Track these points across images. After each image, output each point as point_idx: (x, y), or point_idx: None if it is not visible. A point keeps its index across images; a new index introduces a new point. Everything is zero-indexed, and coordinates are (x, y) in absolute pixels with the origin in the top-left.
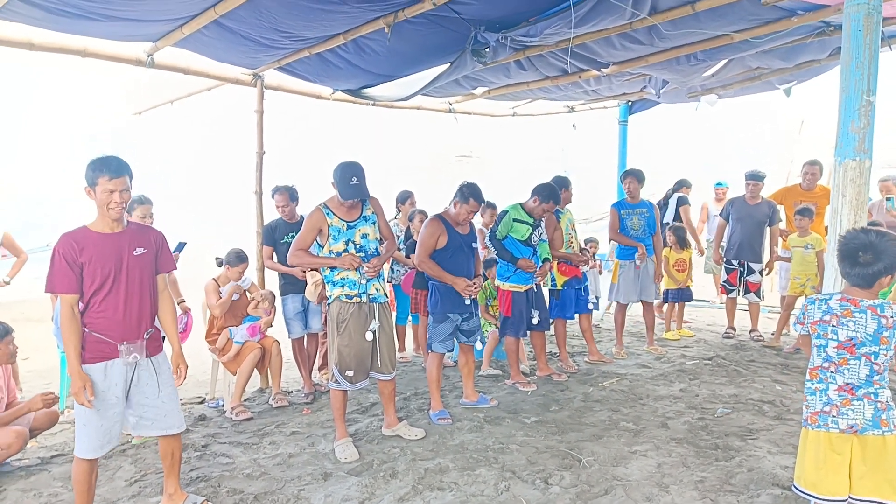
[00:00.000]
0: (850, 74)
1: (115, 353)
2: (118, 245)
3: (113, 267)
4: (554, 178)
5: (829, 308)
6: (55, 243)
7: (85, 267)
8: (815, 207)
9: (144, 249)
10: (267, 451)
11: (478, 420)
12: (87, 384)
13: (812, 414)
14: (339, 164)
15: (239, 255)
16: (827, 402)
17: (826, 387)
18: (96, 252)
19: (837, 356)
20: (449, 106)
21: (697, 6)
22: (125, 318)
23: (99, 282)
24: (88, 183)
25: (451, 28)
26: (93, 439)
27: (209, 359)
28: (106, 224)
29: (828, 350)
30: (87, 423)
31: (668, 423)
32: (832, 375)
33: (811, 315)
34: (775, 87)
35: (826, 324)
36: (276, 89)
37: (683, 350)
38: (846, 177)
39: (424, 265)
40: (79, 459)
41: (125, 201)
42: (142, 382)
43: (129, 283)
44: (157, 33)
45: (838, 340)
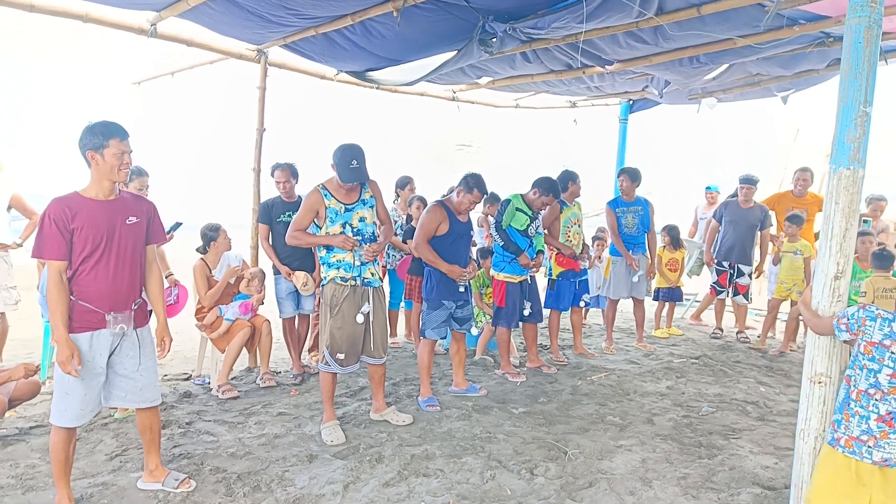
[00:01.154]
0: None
1: (102, 324)
2: (111, 212)
3: (105, 234)
4: (562, 172)
5: (892, 332)
6: (46, 207)
7: (76, 233)
8: (806, 214)
9: (137, 218)
10: (252, 430)
11: (466, 408)
12: (74, 353)
13: (848, 438)
14: (340, 147)
15: (214, 227)
16: (866, 431)
17: (867, 414)
18: (89, 218)
19: (889, 384)
20: (452, 94)
21: (703, 9)
22: (114, 287)
23: (90, 249)
24: (93, 147)
25: (459, 16)
26: (74, 408)
27: (197, 335)
28: (101, 191)
29: (879, 376)
30: (70, 391)
31: (654, 419)
32: (876, 404)
33: (869, 333)
34: (773, 94)
35: (885, 349)
36: (279, 67)
37: (671, 348)
38: (840, 185)
39: (421, 249)
40: (57, 428)
41: (130, 164)
42: (122, 353)
43: (120, 252)
44: (163, 3)
45: (893, 369)
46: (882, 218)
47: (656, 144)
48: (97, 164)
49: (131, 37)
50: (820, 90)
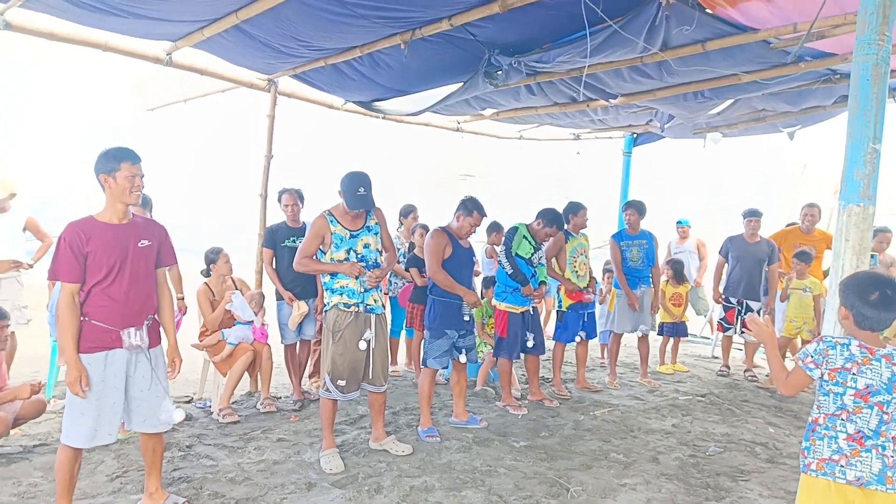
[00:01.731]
0: (857, 122)
1: (118, 342)
2: (125, 236)
3: (118, 258)
4: (567, 203)
5: (852, 355)
6: (61, 231)
7: (90, 256)
8: (814, 251)
9: (149, 242)
10: (252, 456)
11: (466, 440)
12: (83, 374)
13: (818, 460)
14: (347, 174)
15: (214, 250)
16: (836, 451)
17: (836, 434)
18: (103, 242)
19: (853, 404)
20: (457, 124)
21: (708, 45)
22: (127, 307)
23: (104, 272)
24: (106, 171)
25: (465, 49)
26: (87, 429)
27: (199, 358)
28: (114, 214)
29: (844, 398)
30: (86, 412)
31: (659, 457)
32: (843, 423)
33: (832, 361)
34: (779, 130)
35: (847, 371)
36: (289, 96)
37: (677, 385)
38: (850, 221)
39: (438, 275)
40: (65, 447)
41: (142, 188)
42: (138, 375)
43: (133, 275)
44: (178, 33)
45: (856, 388)
46: (888, 252)
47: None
48: (110, 187)
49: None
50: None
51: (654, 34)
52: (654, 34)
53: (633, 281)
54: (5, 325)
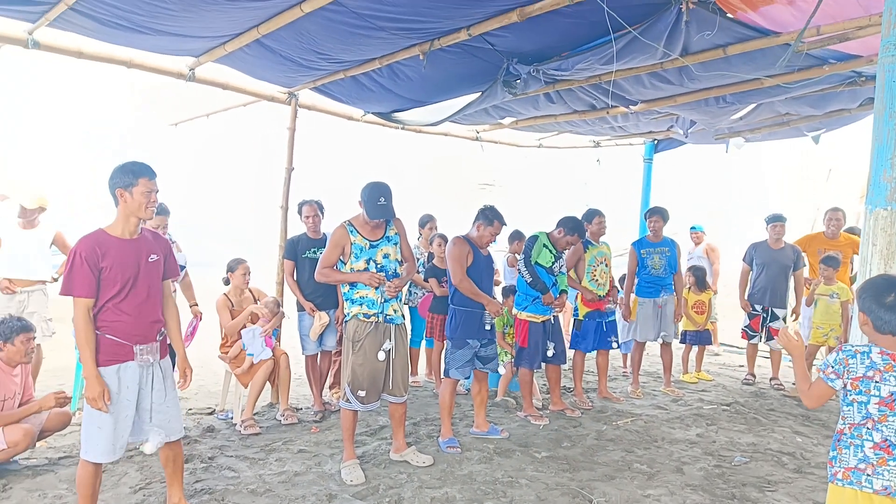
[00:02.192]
0: (884, 124)
1: (130, 356)
2: (137, 250)
3: (132, 273)
4: (586, 211)
5: (873, 363)
6: (75, 245)
7: (105, 271)
8: (840, 256)
9: (157, 256)
10: (273, 467)
11: (488, 451)
12: (105, 389)
13: (845, 469)
14: (368, 184)
15: (236, 259)
16: (863, 460)
17: (862, 443)
18: (117, 257)
19: (878, 413)
20: (476, 134)
21: (729, 50)
22: (140, 321)
23: (119, 286)
24: (123, 185)
25: (484, 58)
26: (106, 443)
27: (221, 370)
28: (126, 228)
29: (869, 407)
30: (102, 426)
31: (684, 468)
32: (868, 432)
33: (853, 370)
34: (803, 134)
35: (870, 380)
36: (309, 108)
37: (701, 394)
38: (877, 226)
39: (464, 283)
40: (85, 463)
41: (157, 203)
42: (151, 386)
43: (144, 288)
44: (201, 49)
45: (881, 396)
46: None
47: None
48: (125, 201)
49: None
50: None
51: (674, 39)
52: (674, 39)
53: (656, 289)
54: (31, 337)
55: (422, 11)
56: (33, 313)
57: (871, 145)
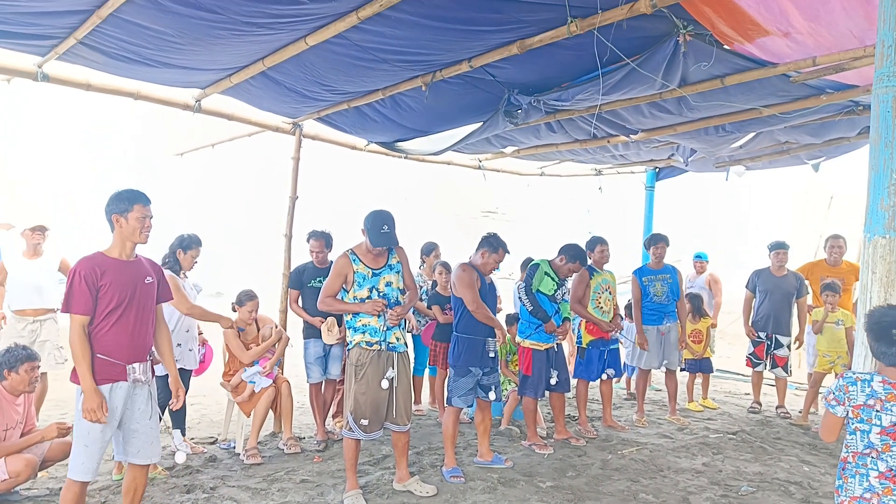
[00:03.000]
0: (879, 153)
1: (122, 376)
2: (134, 272)
3: (128, 293)
4: (589, 239)
5: (874, 391)
6: (74, 265)
7: (103, 290)
8: (842, 283)
9: (152, 279)
10: (275, 497)
11: (491, 481)
12: (103, 401)
13: (850, 499)
14: (371, 212)
15: (247, 294)
16: (868, 489)
17: (867, 472)
18: (115, 278)
19: (881, 442)
20: (478, 162)
21: (727, 80)
22: (134, 341)
23: (114, 305)
24: (119, 211)
25: (485, 89)
26: (92, 462)
27: (224, 399)
28: (123, 251)
29: (871, 436)
30: (91, 444)
31: (690, 497)
32: (874, 461)
33: (854, 398)
34: (804, 162)
35: (870, 408)
36: (313, 138)
37: (707, 422)
38: (876, 253)
39: (481, 310)
40: (73, 482)
41: (151, 228)
42: (135, 406)
43: (139, 309)
44: (207, 81)
45: (882, 426)
46: None
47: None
48: (121, 226)
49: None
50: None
51: (671, 71)
52: (671, 71)
53: (659, 316)
54: (36, 366)
55: (424, 44)
56: (45, 341)
57: (868, 174)
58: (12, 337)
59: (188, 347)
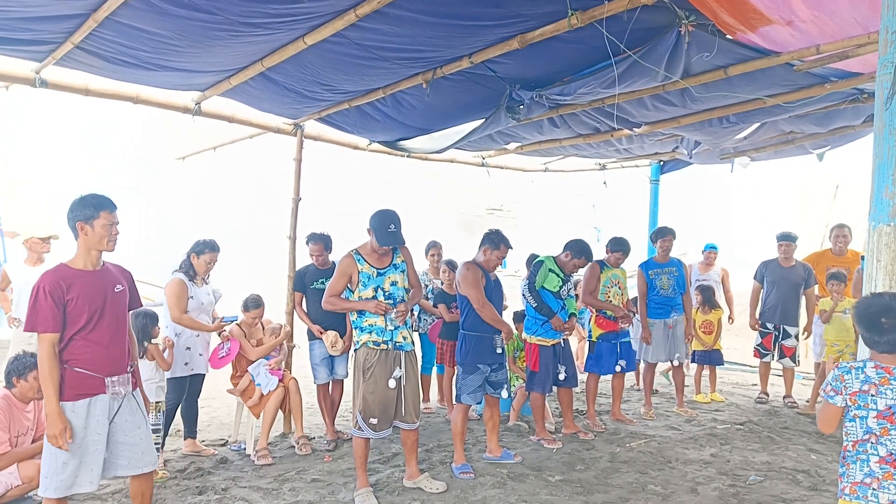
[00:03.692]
0: (884, 141)
1: (101, 389)
2: (102, 282)
3: (99, 304)
4: (610, 239)
5: (868, 377)
6: (38, 280)
7: (71, 304)
8: (848, 272)
9: (122, 287)
10: (287, 497)
11: (501, 476)
12: (67, 426)
13: (852, 484)
14: (377, 212)
15: (255, 301)
16: (868, 474)
17: (867, 458)
18: (82, 289)
19: (878, 426)
20: (482, 160)
21: (730, 71)
22: (110, 352)
23: (86, 318)
24: (83, 218)
25: (486, 85)
26: (66, 476)
27: (233, 401)
28: (88, 261)
29: (868, 421)
30: (68, 462)
31: (698, 488)
32: (874, 447)
33: (850, 386)
34: (808, 152)
35: (866, 394)
36: (315, 139)
37: (714, 414)
38: (880, 242)
39: (486, 308)
40: (48, 501)
41: (118, 235)
42: (122, 418)
43: (112, 319)
44: (206, 83)
45: (878, 410)
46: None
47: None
48: (86, 234)
49: None
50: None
51: (674, 62)
52: (674, 62)
53: (666, 310)
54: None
55: (423, 41)
56: None
57: (872, 162)
58: (20, 346)
59: (198, 352)
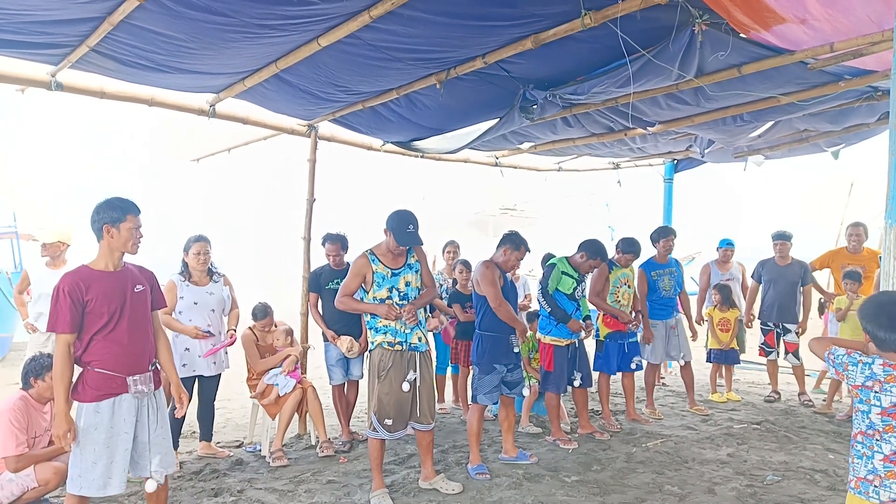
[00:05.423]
0: None
1: (124, 388)
2: (122, 283)
3: (118, 304)
4: (621, 239)
5: (873, 373)
6: (59, 282)
7: (90, 304)
8: (864, 271)
9: (143, 287)
10: (302, 499)
11: (517, 476)
12: (72, 428)
13: (856, 479)
14: (395, 212)
15: (263, 310)
16: (871, 471)
17: (872, 454)
18: (102, 290)
19: (882, 423)
20: (495, 159)
21: (744, 69)
22: (131, 352)
23: (105, 319)
24: (111, 221)
25: (500, 85)
26: (98, 476)
27: (249, 402)
28: (110, 262)
29: (871, 417)
30: (97, 461)
31: (716, 488)
32: (878, 443)
33: (853, 378)
34: (823, 150)
35: (869, 389)
36: (329, 140)
37: (731, 413)
38: None
39: (503, 307)
40: (71, 497)
41: (142, 238)
42: (148, 418)
43: (132, 319)
44: (221, 85)
45: (882, 407)
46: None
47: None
48: (111, 237)
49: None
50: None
51: (688, 61)
52: (688, 61)
53: (668, 310)
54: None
55: (437, 42)
56: None
57: (888, 159)
58: (36, 349)
59: (198, 353)
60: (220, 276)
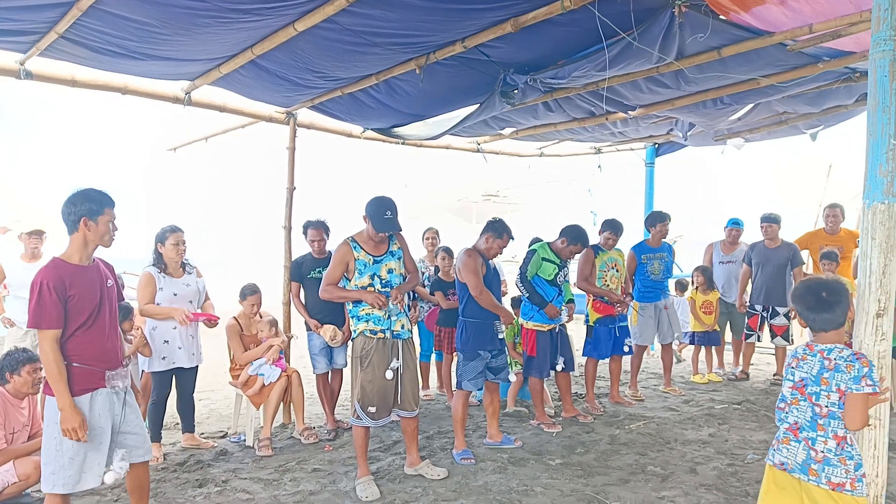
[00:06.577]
0: (877, 119)
1: (101, 383)
2: (98, 277)
3: (97, 299)
4: (604, 221)
5: (796, 352)
6: (39, 276)
7: (72, 299)
8: (841, 251)
9: (112, 281)
10: (287, 487)
11: (502, 461)
12: (83, 419)
13: (776, 442)
14: (374, 199)
15: (250, 289)
16: (777, 437)
17: (781, 423)
18: (83, 285)
19: (791, 396)
20: (477, 145)
21: (723, 51)
22: (107, 346)
23: (86, 314)
24: (89, 214)
25: (480, 70)
26: (73, 472)
27: (232, 393)
28: (84, 256)
29: (784, 389)
30: (74, 457)
31: (697, 468)
32: (786, 414)
33: (788, 360)
34: (802, 132)
35: (790, 366)
36: (308, 127)
37: (712, 394)
38: (875, 220)
39: (484, 295)
40: (53, 497)
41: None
42: (123, 410)
43: (108, 314)
44: (196, 72)
45: (793, 381)
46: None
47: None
48: (89, 229)
49: None
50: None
51: (668, 44)
52: (668, 44)
53: (656, 293)
54: (38, 367)
55: (415, 25)
56: None
57: (866, 140)
58: (14, 342)
59: (178, 345)
60: (193, 267)
